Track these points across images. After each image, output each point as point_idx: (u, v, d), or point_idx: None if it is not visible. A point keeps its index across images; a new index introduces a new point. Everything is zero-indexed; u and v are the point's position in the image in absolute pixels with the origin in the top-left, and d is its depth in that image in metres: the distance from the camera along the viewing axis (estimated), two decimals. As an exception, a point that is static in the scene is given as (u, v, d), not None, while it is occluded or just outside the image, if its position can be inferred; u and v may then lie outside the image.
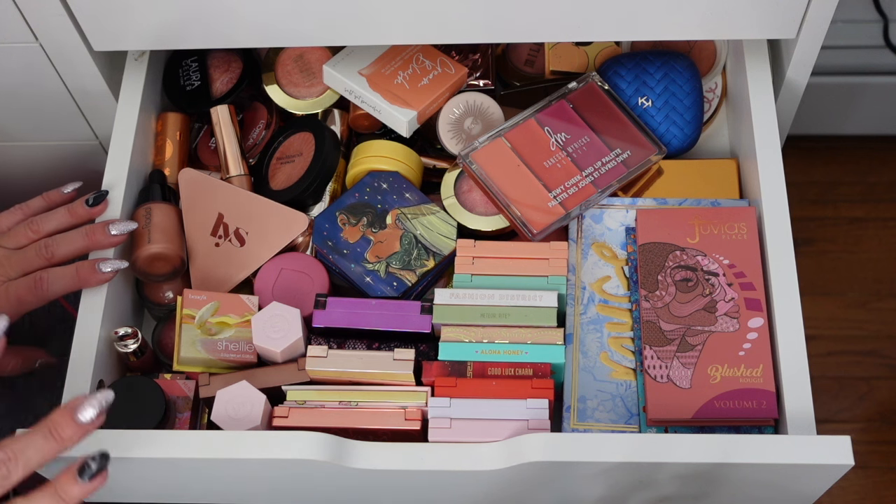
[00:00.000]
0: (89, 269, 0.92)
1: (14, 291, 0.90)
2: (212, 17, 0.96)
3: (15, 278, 0.91)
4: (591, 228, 1.00)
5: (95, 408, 0.72)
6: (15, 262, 0.91)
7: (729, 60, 1.11)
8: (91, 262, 0.92)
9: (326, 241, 1.00)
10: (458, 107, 1.06)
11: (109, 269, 0.92)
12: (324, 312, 0.95)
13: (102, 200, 0.96)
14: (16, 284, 0.90)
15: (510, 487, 0.89)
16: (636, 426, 0.92)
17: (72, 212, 0.95)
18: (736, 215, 0.97)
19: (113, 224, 0.94)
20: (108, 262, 0.93)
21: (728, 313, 0.93)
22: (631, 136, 1.02)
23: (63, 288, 0.91)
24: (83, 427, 0.72)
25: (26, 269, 0.91)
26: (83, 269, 0.92)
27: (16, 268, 0.91)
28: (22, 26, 0.99)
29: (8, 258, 0.91)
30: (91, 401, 0.72)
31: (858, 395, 1.63)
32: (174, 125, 1.08)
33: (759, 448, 0.83)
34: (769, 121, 0.99)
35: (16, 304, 0.89)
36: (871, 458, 1.59)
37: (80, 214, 0.95)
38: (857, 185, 1.78)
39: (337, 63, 1.05)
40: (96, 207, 0.96)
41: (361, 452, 0.84)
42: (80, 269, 0.92)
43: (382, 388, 0.92)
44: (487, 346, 0.93)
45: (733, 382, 0.91)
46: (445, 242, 1.00)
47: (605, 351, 0.95)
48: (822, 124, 1.72)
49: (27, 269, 0.91)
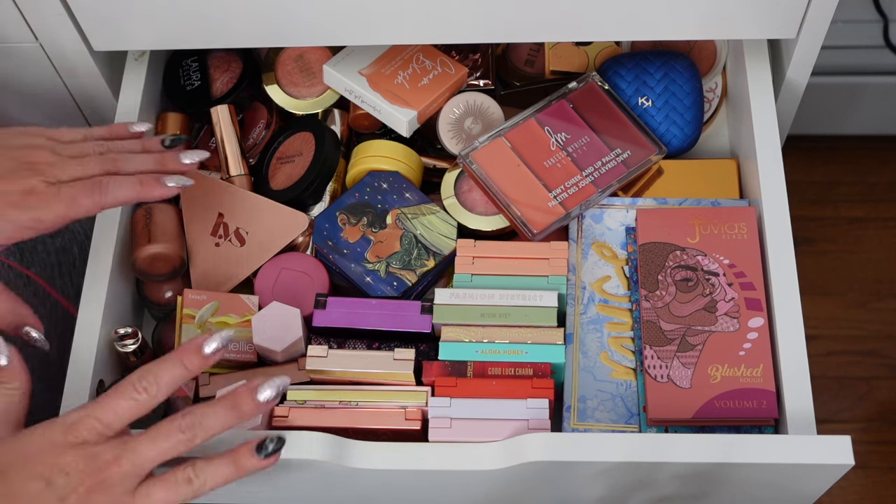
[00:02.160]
0: (153, 181, 0.87)
1: (68, 191, 0.84)
2: (212, 17, 0.96)
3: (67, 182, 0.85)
4: (591, 228, 1.00)
5: (273, 389, 0.79)
6: (71, 166, 0.86)
7: (729, 60, 1.11)
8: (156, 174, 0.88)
9: (326, 240, 1.00)
10: (458, 107, 1.06)
11: (174, 184, 0.88)
12: (324, 312, 0.95)
13: (180, 143, 0.92)
14: (70, 185, 0.85)
15: (510, 487, 0.89)
16: (636, 426, 0.92)
17: (145, 145, 0.91)
18: (736, 215, 0.98)
19: (185, 153, 0.90)
20: (174, 176, 0.88)
21: (728, 313, 0.94)
22: (631, 136, 1.02)
23: (123, 196, 0.86)
24: (261, 406, 0.78)
25: (83, 175, 0.86)
26: (147, 180, 0.87)
27: (70, 172, 0.86)
28: (22, 26, 0.99)
29: (63, 162, 0.86)
30: (270, 383, 0.79)
31: (858, 395, 1.63)
32: (174, 125, 1.08)
33: (759, 448, 0.83)
34: (769, 121, 0.99)
35: (68, 203, 0.84)
36: (871, 458, 1.59)
37: (155, 150, 0.91)
38: (857, 185, 1.78)
39: (337, 63, 1.05)
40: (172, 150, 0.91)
41: (361, 452, 0.84)
42: (144, 180, 0.87)
43: (382, 388, 0.92)
44: (487, 345, 0.93)
45: (733, 382, 0.91)
46: (445, 242, 1.00)
47: (606, 351, 0.95)
48: (822, 124, 1.72)
49: (84, 175, 0.86)
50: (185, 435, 0.76)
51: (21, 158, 0.85)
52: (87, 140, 0.89)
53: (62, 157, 0.86)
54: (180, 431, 0.76)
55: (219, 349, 0.79)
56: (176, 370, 0.77)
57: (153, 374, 0.77)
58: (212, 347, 0.78)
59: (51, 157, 0.86)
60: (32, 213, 0.83)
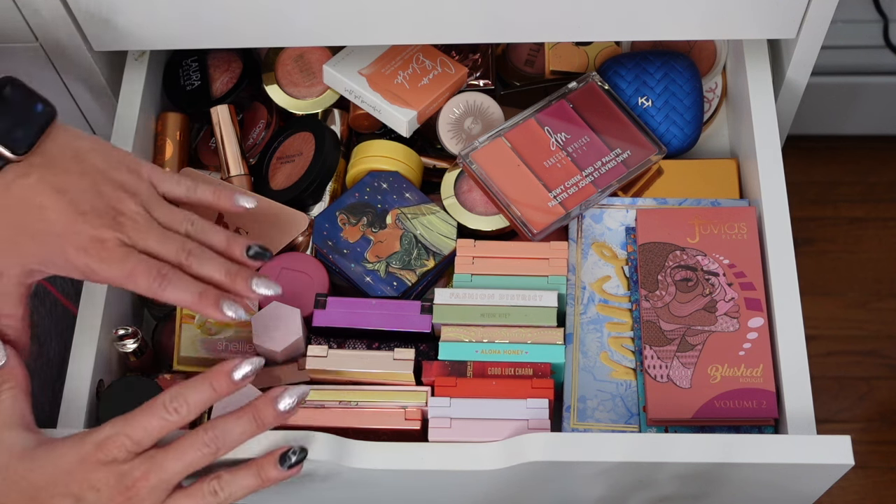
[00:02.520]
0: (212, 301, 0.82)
1: (132, 263, 0.80)
2: (212, 17, 0.96)
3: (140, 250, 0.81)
4: (591, 228, 1.00)
5: (294, 398, 0.79)
6: (151, 236, 0.81)
7: (729, 60, 1.11)
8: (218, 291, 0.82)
9: (326, 240, 1.00)
10: (458, 107, 1.06)
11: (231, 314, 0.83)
12: (324, 312, 0.95)
13: (262, 259, 0.86)
14: (138, 258, 0.80)
15: (510, 487, 0.89)
16: (636, 426, 0.92)
17: (230, 243, 0.85)
18: (736, 215, 0.98)
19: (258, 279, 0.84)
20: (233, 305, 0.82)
21: (728, 313, 0.94)
22: (631, 136, 1.02)
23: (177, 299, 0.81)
24: (283, 415, 0.79)
25: (158, 254, 0.82)
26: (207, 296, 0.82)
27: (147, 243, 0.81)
28: (22, 26, 0.99)
29: (148, 226, 0.81)
30: (291, 392, 0.80)
31: (858, 395, 1.63)
32: (174, 125, 1.08)
33: (759, 448, 0.83)
34: (769, 121, 0.99)
35: (126, 274, 0.80)
36: (871, 458, 1.59)
37: (235, 255, 0.85)
38: (857, 185, 1.78)
39: (337, 63, 1.05)
40: (252, 261, 0.86)
41: (361, 452, 0.84)
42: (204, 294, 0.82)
43: (382, 388, 0.92)
44: (487, 345, 0.93)
45: (733, 382, 0.91)
46: (445, 242, 1.00)
47: (605, 351, 0.95)
48: (822, 124, 1.72)
49: (159, 255, 0.82)
50: (210, 448, 0.77)
51: (111, 200, 0.81)
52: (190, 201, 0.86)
53: (149, 220, 0.82)
54: (205, 445, 0.77)
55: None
56: (205, 392, 0.78)
57: (183, 396, 0.78)
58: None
59: (138, 214, 0.81)
60: (92, 263, 0.80)
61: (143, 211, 0.82)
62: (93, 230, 0.80)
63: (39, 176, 0.80)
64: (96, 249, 0.79)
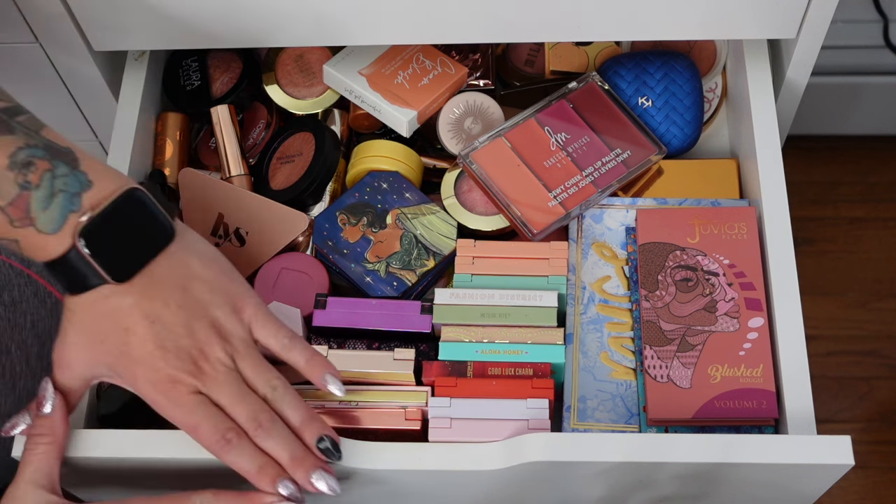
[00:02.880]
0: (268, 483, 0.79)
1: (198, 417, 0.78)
2: (212, 17, 0.96)
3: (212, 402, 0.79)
4: (591, 228, 1.00)
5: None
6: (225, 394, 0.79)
7: (729, 60, 1.11)
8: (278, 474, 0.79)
9: (326, 240, 1.00)
10: (458, 107, 1.06)
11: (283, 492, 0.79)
12: (324, 312, 0.95)
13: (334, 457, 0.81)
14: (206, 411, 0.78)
15: (510, 487, 0.89)
16: (636, 426, 0.92)
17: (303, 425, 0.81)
18: (736, 215, 0.98)
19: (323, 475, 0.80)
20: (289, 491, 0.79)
21: (728, 313, 0.94)
22: (631, 136, 1.02)
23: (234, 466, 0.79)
24: None
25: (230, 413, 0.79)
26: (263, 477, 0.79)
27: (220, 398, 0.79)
28: (22, 26, 0.99)
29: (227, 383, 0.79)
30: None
31: (858, 395, 1.63)
32: (174, 125, 1.08)
33: (759, 448, 0.83)
34: (769, 121, 0.99)
35: (189, 426, 0.79)
36: (871, 458, 1.59)
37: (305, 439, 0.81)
38: (857, 185, 1.78)
39: (337, 63, 1.05)
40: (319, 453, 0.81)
41: (361, 452, 0.84)
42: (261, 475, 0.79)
43: (382, 388, 0.92)
44: (487, 345, 0.93)
45: (733, 382, 0.91)
46: (445, 242, 1.00)
47: (606, 351, 0.95)
48: (822, 124, 1.72)
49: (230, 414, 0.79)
50: None
51: (200, 342, 0.79)
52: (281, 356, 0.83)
53: (230, 373, 0.79)
54: None
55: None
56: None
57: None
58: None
59: (222, 364, 0.79)
60: (159, 400, 0.78)
61: (230, 361, 0.80)
62: (170, 370, 0.78)
63: (135, 301, 0.78)
64: (167, 389, 0.78)
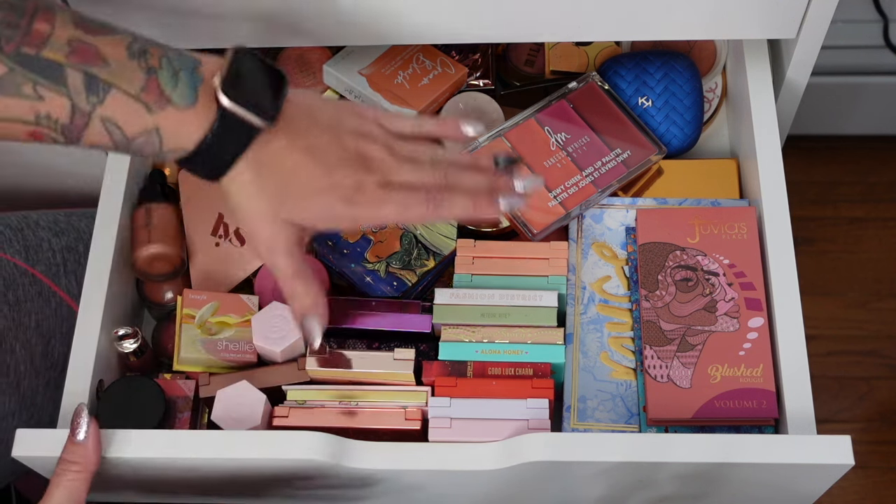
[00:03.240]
0: (487, 201, 0.84)
1: (400, 197, 0.81)
2: (212, 17, 0.96)
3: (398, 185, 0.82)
4: (591, 228, 1.00)
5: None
6: (405, 170, 0.83)
7: (729, 60, 1.11)
8: (489, 192, 0.85)
9: (326, 240, 1.00)
10: (458, 107, 1.06)
11: (506, 206, 0.85)
12: (324, 312, 0.95)
13: (513, 165, 0.87)
14: (402, 191, 0.82)
15: (510, 487, 0.89)
16: (636, 426, 0.92)
17: (475, 159, 0.87)
18: (736, 215, 0.98)
19: (519, 179, 0.86)
20: (508, 198, 0.85)
21: (728, 313, 0.94)
22: (631, 136, 1.02)
23: (455, 214, 0.84)
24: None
25: (417, 183, 0.83)
26: (480, 199, 0.84)
27: (404, 176, 0.83)
28: (22, 26, 0.99)
29: (398, 164, 0.83)
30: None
31: (858, 395, 1.63)
32: (174, 125, 1.08)
33: (759, 448, 0.83)
34: (769, 121, 0.99)
35: (399, 209, 0.82)
36: (871, 458, 1.59)
37: (482, 166, 0.87)
38: (857, 185, 1.78)
39: (337, 63, 1.05)
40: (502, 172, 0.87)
41: (361, 452, 0.84)
42: (477, 199, 0.84)
43: (382, 388, 0.92)
44: (487, 345, 0.93)
45: (733, 382, 0.91)
46: (445, 242, 1.00)
47: (606, 351, 0.95)
48: (822, 124, 1.72)
49: (418, 184, 0.83)
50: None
51: (355, 148, 0.82)
52: (418, 136, 0.86)
53: (396, 158, 0.83)
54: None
55: None
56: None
57: None
58: None
59: (385, 155, 0.83)
60: (360, 210, 0.81)
61: (387, 150, 0.83)
62: (350, 178, 0.80)
63: (288, 140, 0.79)
64: (359, 196, 0.80)
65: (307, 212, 0.80)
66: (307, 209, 0.80)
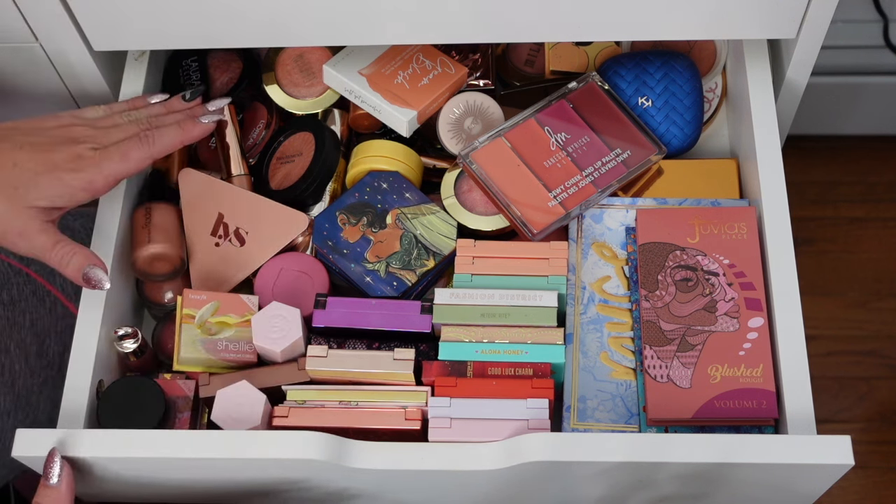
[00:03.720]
0: (191, 122, 0.97)
1: (117, 149, 0.92)
2: (212, 17, 0.96)
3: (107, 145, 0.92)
4: (591, 228, 1.00)
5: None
6: (111, 132, 0.93)
7: (729, 60, 1.11)
8: (191, 114, 0.98)
9: (326, 240, 1.00)
10: (458, 107, 1.06)
11: (207, 120, 0.98)
12: (324, 312, 0.95)
13: (199, 94, 1.01)
14: (117, 144, 0.92)
15: (510, 487, 0.89)
16: (636, 426, 0.92)
17: (168, 105, 0.99)
18: (736, 215, 0.98)
19: (209, 103, 1.01)
20: (207, 115, 0.99)
21: (728, 313, 0.94)
22: (631, 136, 1.02)
23: (169, 142, 0.95)
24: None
25: (124, 137, 0.93)
26: (185, 123, 0.96)
27: (112, 137, 0.93)
28: (22, 26, 0.99)
29: (102, 131, 0.93)
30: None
31: (858, 395, 1.63)
32: (174, 125, 1.08)
33: (759, 448, 0.83)
34: (769, 121, 0.99)
35: (119, 159, 0.91)
36: (871, 458, 1.59)
37: (176, 108, 0.99)
38: (857, 185, 1.78)
39: (337, 63, 1.05)
40: (193, 102, 1.00)
41: (361, 452, 0.84)
42: (183, 123, 0.96)
43: (382, 388, 0.92)
44: (487, 345, 0.93)
45: (733, 382, 0.91)
46: (445, 242, 1.00)
47: (605, 351, 0.95)
48: (822, 124, 1.72)
49: (125, 137, 0.93)
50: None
51: (61, 136, 0.91)
52: (113, 113, 0.96)
53: (100, 130, 0.93)
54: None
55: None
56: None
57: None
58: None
59: (89, 131, 0.92)
60: (86, 174, 0.89)
61: (90, 128, 0.93)
62: (66, 153, 0.90)
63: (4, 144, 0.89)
64: (81, 163, 0.89)
65: (42, 192, 0.88)
66: (42, 191, 0.88)
